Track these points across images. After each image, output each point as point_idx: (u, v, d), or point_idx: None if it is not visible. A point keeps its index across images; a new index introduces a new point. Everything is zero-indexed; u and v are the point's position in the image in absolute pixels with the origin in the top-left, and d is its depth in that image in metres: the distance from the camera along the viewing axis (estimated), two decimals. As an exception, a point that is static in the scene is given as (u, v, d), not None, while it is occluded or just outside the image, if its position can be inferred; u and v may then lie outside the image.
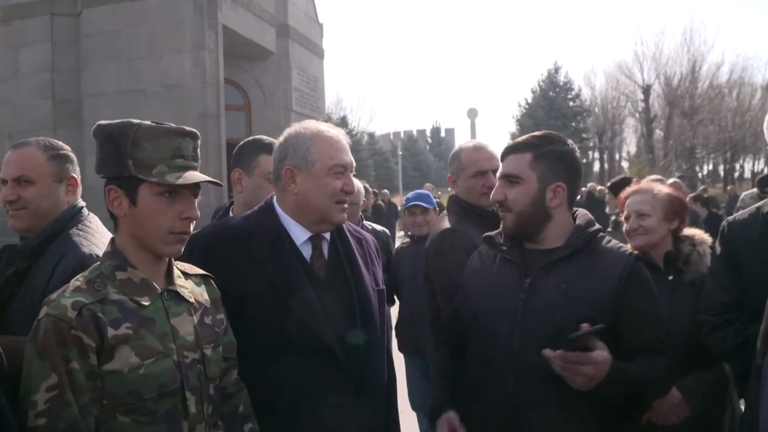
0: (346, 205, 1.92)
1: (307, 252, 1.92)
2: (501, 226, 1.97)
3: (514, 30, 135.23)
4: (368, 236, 2.15)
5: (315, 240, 1.93)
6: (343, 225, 2.01)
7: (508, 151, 1.95)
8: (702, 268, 2.34)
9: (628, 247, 1.94)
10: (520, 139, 1.97)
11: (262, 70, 13.69)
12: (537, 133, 1.96)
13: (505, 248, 1.95)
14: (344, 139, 1.93)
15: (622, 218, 2.53)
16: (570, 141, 1.96)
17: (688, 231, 2.48)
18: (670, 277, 2.37)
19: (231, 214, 2.59)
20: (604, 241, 1.91)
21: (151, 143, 1.53)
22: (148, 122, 1.57)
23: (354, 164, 1.93)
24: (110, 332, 1.44)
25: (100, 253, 1.80)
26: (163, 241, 1.56)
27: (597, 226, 1.93)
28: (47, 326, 1.40)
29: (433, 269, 2.50)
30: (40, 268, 1.89)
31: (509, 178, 1.90)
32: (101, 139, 1.57)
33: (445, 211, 2.72)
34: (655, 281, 2.28)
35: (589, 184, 16.80)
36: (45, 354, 1.39)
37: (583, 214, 1.97)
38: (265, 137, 2.66)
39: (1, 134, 10.81)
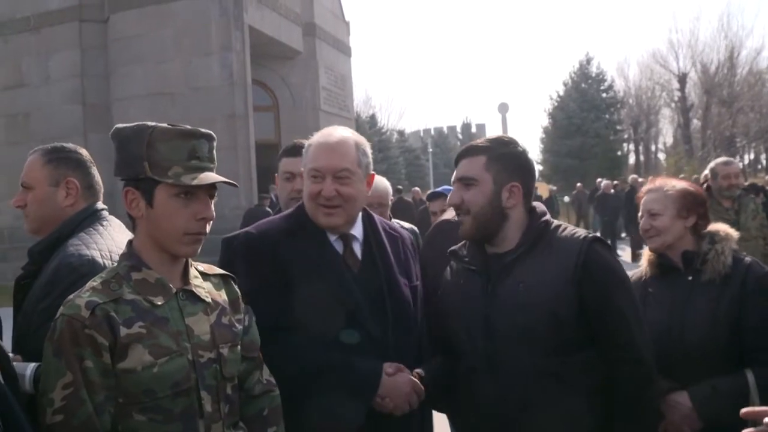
0: (328, 210, 1.93)
1: (339, 248, 1.97)
2: (461, 231, 1.96)
3: (545, 22, 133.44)
4: (405, 234, 2.16)
5: (345, 239, 1.98)
6: (378, 223, 2.06)
7: (462, 156, 1.96)
8: (719, 267, 2.17)
9: (583, 231, 1.91)
10: (473, 143, 1.99)
11: (289, 69, 13.68)
12: (490, 136, 2.00)
13: (467, 259, 1.97)
14: (335, 141, 1.95)
15: (638, 218, 2.41)
16: (521, 143, 1.98)
17: (712, 227, 2.30)
18: (690, 278, 2.22)
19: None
20: (559, 230, 1.90)
21: (165, 145, 1.54)
22: (164, 125, 1.57)
23: (339, 168, 1.91)
24: (123, 331, 1.45)
25: (91, 252, 1.83)
26: (179, 241, 1.56)
27: (546, 217, 1.92)
28: (62, 326, 1.44)
29: (423, 261, 2.45)
30: (43, 273, 1.88)
31: (464, 181, 1.92)
32: (117, 142, 1.60)
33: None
34: (675, 282, 2.22)
35: (630, 177, 16.37)
36: (60, 352, 1.43)
37: (537, 206, 1.97)
38: (299, 141, 2.74)
39: (33, 140, 10.94)
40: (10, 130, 12.01)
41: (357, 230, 2.01)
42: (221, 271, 1.74)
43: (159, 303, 1.53)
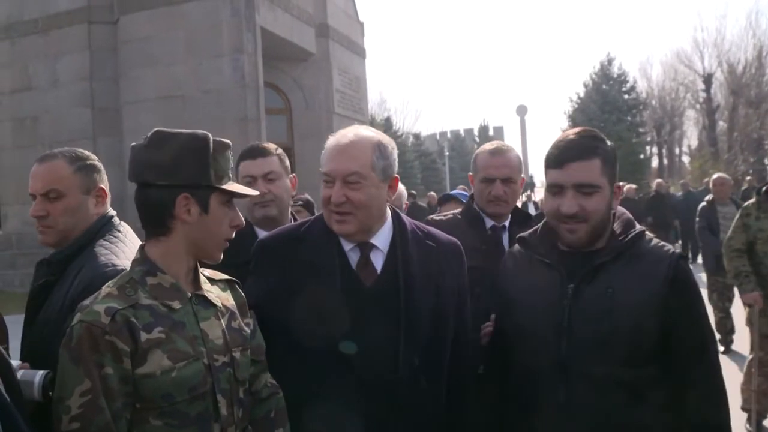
0: (339, 216, 1.82)
1: (354, 258, 1.86)
2: (566, 238, 1.82)
3: (565, 22, 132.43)
4: (445, 243, 1.98)
5: (363, 248, 1.86)
6: (409, 232, 1.92)
7: (573, 158, 1.77)
8: None
9: (670, 246, 1.88)
10: (580, 142, 1.80)
11: (302, 71, 13.42)
12: (583, 133, 1.84)
13: (541, 251, 1.89)
14: (345, 143, 1.82)
15: None
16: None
17: None
18: None
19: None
20: (646, 240, 1.85)
21: (222, 156, 1.63)
22: (209, 135, 1.63)
23: (348, 172, 1.78)
24: (143, 336, 1.47)
25: (123, 262, 1.82)
26: (218, 246, 1.65)
27: (639, 226, 1.86)
28: (81, 332, 1.44)
29: None
30: (64, 280, 1.87)
31: (584, 189, 1.77)
32: (174, 148, 1.59)
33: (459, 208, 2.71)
34: None
35: (655, 182, 16.03)
36: (78, 359, 1.43)
37: (621, 212, 1.90)
38: (257, 143, 2.62)
39: (41, 144, 10.84)
40: (17, 134, 11.90)
41: (381, 239, 1.87)
42: (226, 276, 1.78)
43: (176, 307, 1.55)
